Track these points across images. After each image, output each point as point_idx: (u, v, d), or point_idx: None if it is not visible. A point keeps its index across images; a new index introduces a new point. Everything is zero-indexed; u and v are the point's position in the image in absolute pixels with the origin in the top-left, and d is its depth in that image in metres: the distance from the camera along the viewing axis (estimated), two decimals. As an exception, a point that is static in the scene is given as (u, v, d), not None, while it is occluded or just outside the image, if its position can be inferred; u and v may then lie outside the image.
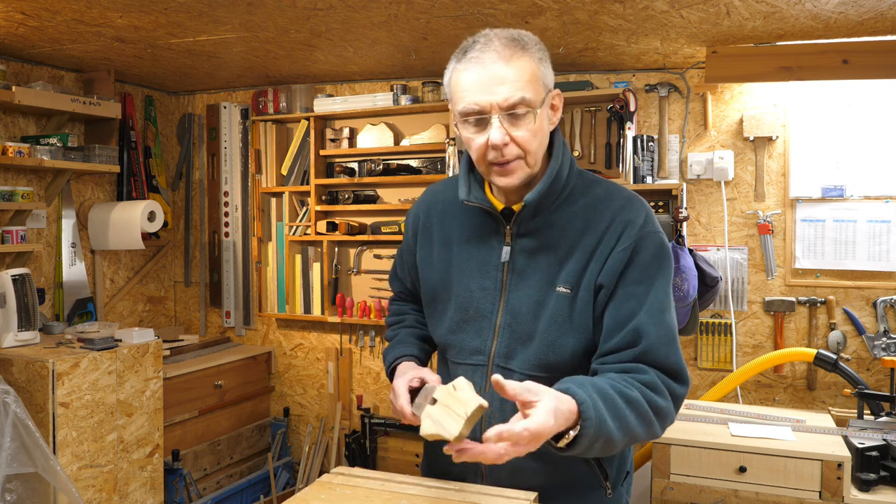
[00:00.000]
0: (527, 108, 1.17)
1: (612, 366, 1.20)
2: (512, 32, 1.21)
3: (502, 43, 1.18)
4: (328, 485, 1.26)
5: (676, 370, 1.20)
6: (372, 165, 3.39)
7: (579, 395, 1.06)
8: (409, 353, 1.43)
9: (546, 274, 1.27)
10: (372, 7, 2.35)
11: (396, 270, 1.58)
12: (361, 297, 3.57)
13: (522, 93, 1.17)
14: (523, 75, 1.17)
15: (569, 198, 1.29)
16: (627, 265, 1.22)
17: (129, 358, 2.76)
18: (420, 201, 1.48)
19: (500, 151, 1.20)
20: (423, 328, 1.52)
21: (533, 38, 1.22)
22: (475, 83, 1.18)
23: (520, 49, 1.18)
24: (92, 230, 3.37)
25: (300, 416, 3.79)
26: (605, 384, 1.12)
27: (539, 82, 1.20)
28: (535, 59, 1.20)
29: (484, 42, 1.19)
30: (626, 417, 1.11)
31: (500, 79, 1.16)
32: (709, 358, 3.06)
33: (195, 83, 3.69)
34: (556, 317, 1.25)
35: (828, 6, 2.24)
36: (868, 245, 2.83)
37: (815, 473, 2.05)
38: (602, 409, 1.07)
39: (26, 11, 2.39)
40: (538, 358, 1.26)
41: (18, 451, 2.21)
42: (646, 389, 1.16)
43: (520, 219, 1.28)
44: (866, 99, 2.81)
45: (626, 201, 1.28)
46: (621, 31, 2.57)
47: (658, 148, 3.03)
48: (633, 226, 1.24)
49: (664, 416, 1.18)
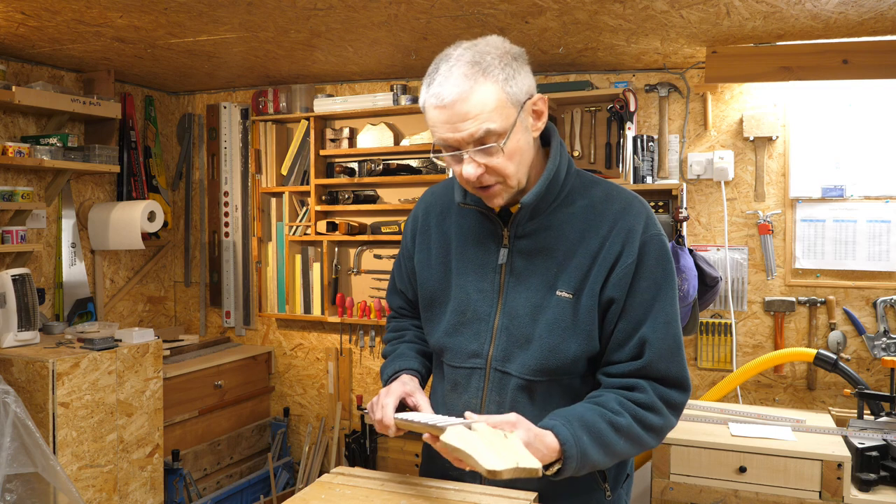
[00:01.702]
0: (498, 136, 1.15)
1: (615, 380, 1.25)
2: (474, 54, 1.16)
3: (462, 72, 1.14)
4: (328, 485, 1.26)
5: (678, 380, 1.24)
6: (372, 165, 3.39)
7: (563, 434, 1.14)
8: (410, 367, 1.41)
9: (544, 277, 1.26)
10: (372, 7, 2.35)
11: (395, 283, 1.55)
12: (361, 297, 3.57)
13: (487, 125, 1.14)
14: (486, 106, 1.14)
15: (567, 199, 1.29)
16: (635, 276, 1.23)
17: (129, 358, 2.76)
18: (418, 204, 1.48)
19: (478, 181, 1.19)
20: (422, 344, 1.49)
21: (496, 55, 1.17)
22: (440, 120, 1.16)
23: (481, 76, 1.14)
24: (92, 230, 3.37)
25: (300, 416, 3.79)
26: (594, 416, 1.18)
27: (506, 105, 1.16)
28: (498, 81, 1.15)
29: (445, 72, 1.15)
30: (613, 445, 1.18)
31: (462, 115, 1.14)
32: (709, 358, 3.06)
33: (195, 83, 3.69)
34: (558, 321, 1.24)
35: (828, 6, 2.24)
36: (868, 245, 2.83)
37: (815, 473, 2.05)
38: (585, 444, 1.15)
39: (26, 11, 2.39)
40: (538, 362, 1.25)
41: (18, 451, 2.21)
42: (640, 410, 1.21)
43: (517, 220, 1.28)
44: (866, 99, 2.81)
45: (627, 203, 1.28)
46: (621, 31, 2.57)
47: (658, 148, 3.03)
48: (635, 233, 1.24)
49: (658, 432, 1.24)
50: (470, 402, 1.32)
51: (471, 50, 1.17)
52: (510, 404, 1.28)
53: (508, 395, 1.28)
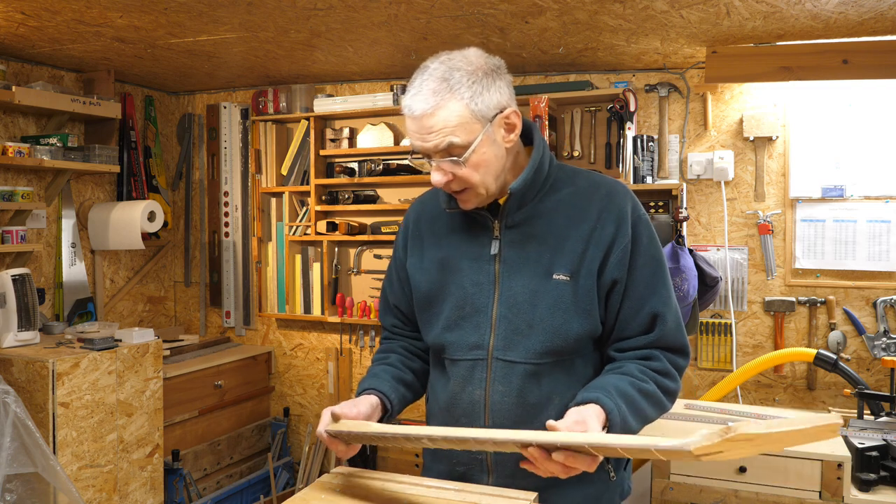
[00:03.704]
0: (463, 148, 1.23)
1: (630, 352, 1.32)
2: (445, 70, 1.22)
3: (431, 87, 1.22)
4: (328, 485, 1.26)
5: (683, 347, 1.34)
6: (372, 165, 3.39)
7: (607, 404, 1.18)
8: (376, 388, 1.39)
9: (539, 263, 1.30)
10: (372, 7, 2.35)
11: (387, 300, 1.54)
12: (361, 297, 3.57)
13: (450, 138, 1.22)
14: (450, 122, 1.21)
15: (553, 187, 1.35)
16: (633, 255, 1.30)
17: (129, 358, 2.76)
18: (408, 213, 1.51)
19: (446, 186, 1.28)
20: (403, 370, 1.47)
21: (467, 71, 1.22)
22: (412, 129, 1.26)
23: (447, 94, 1.21)
24: (92, 230, 3.37)
25: (300, 416, 3.79)
26: (626, 385, 1.24)
27: (470, 121, 1.22)
28: (464, 99, 1.21)
29: (418, 86, 1.24)
30: (645, 410, 1.25)
31: (427, 128, 1.23)
32: (709, 358, 3.06)
33: (195, 83, 3.69)
34: (559, 303, 1.28)
35: (828, 6, 2.24)
36: (868, 245, 2.83)
37: (815, 473, 2.05)
38: (625, 412, 1.20)
39: (26, 11, 2.39)
40: (543, 345, 1.29)
41: (18, 451, 2.21)
42: (659, 377, 1.29)
43: (506, 211, 1.33)
44: (866, 99, 2.81)
45: (611, 188, 1.35)
46: (621, 31, 2.57)
47: (658, 148, 3.03)
48: (625, 214, 1.31)
49: (673, 395, 1.33)
50: (474, 393, 1.33)
51: (445, 65, 1.24)
52: (517, 392, 1.30)
53: (515, 383, 1.30)
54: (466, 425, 1.33)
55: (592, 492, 1.34)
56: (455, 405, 1.35)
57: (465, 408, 1.34)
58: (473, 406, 1.33)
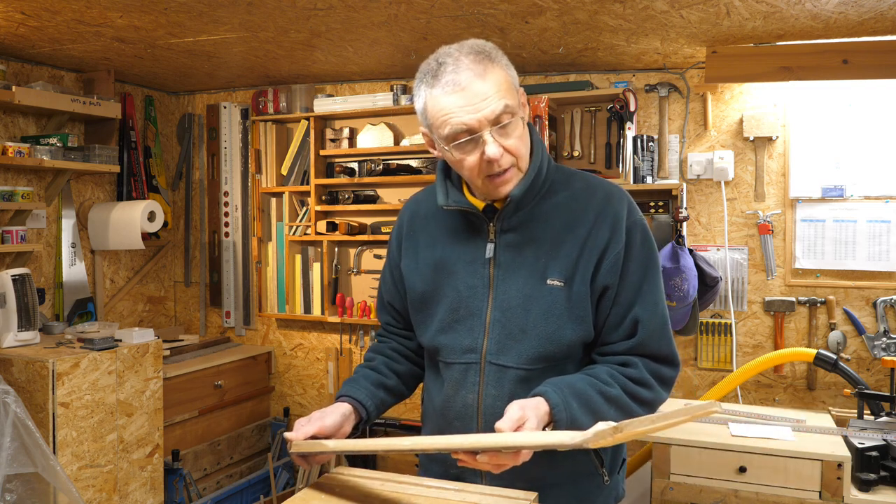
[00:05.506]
0: (511, 115, 1.21)
1: (609, 358, 1.30)
2: (473, 46, 1.23)
3: (471, 59, 1.20)
4: (328, 485, 1.26)
5: (668, 356, 1.30)
6: (372, 165, 3.39)
7: (553, 399, 1.16)
8: (351, 395, 1.39)
9: (534, 268, 1.29)
10: (372, 7, 2.35)
11: (382, 298, 1.54)
12: (361, 297, 3.57)
13: (505, 100, 1.20)
14: (501, 86, 1.21)
15: (550, 191, 1.33)
16: (625, 261, 1.29)
17: (129, 358, 2.76)
18: (402, 212, 1.50)
19: (498, 163, 1.23)
20: (386, 375, 1.47)
21: (493, 46, 1.25)
22: (459, 105, 1.19)
23: (488, 61, 1.21)
24: (92, 230, 3.37)
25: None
26: (584, 385, 1.22)
27: (513, 88, 1.24)
28: (503, 66, 1.23)
29: (453, 63, 1.20)
30: (603, 413, 1.20)
31: (482, 95, 1.19)
32: (709, 358, 3.06)
33: (195, 83, 3.69)
34: (553, 309, 1.27)
35: (828, 6, 2.24)
36: (868, 245, 2.83)
37: (815, 473, 2.05)
38: (575, 410, 1.17)
39: (26, 11, 2.39)
40: (536, 351, 1.28)
41: (18, 451, 2.21)
42: (631, 384, 1.25)
43: (503, 215, 1.31)
44: (866, 99, 2.80)
45: (608, 192, 1.34)
46: (621, 31, 2.57)
47: (658, 148, 3.03)
48: (620, 219, 1.30)
49: (649, 405, 1.28)
50: (467, 397, 1.33)
51: (465, 46, 1.23)
52: (508, 396, 1.28)
53: (507, 388, 1.29)
54: (460, 428, 1.33)
55: (586, 496, 1.34)
56: (449, 408, 1.35)
57: (459, 411, 1.34)
58: (466, 409, 1.33)
